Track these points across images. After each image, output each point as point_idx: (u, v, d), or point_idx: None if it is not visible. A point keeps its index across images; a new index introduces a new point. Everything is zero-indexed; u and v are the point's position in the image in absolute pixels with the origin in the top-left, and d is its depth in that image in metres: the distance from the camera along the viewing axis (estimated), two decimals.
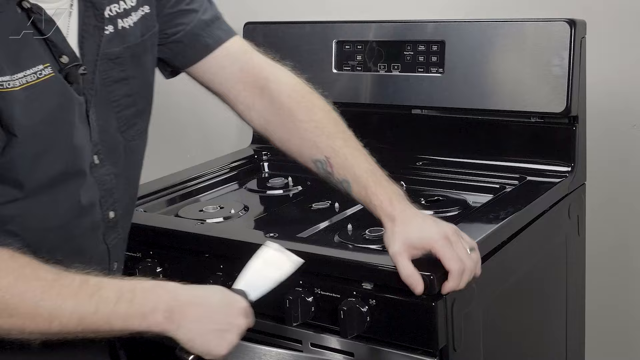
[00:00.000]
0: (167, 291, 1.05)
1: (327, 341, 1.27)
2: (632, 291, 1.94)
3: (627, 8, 1.79)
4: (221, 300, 1.08)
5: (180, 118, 2.53)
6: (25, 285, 0.98)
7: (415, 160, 1.77)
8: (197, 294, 1.07)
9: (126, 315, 1.01)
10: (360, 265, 1.23)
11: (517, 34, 1.63)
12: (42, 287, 0.99)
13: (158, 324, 1.02)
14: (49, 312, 0.98)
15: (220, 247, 1.40)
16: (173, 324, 1.03)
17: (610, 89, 1.82)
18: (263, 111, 1.32)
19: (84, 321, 1.00)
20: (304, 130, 1.29)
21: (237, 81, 1.33)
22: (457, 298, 1.20)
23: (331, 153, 1.26)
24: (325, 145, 1.27)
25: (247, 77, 1.33)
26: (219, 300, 1.08)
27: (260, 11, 2.24)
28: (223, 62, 1.33)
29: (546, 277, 1.60)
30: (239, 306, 1.09)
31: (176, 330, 1.03)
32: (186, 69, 1.35)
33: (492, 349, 1.34)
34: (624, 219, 1.91)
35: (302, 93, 1.33)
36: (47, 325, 0.98)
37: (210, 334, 1.05)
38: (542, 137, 1.65)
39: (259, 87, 1.32)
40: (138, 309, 1.01)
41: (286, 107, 1.31)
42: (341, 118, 1.32)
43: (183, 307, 1.03)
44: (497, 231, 1.35)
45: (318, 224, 1.47)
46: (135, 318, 1.01)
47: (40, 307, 0.98)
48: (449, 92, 1.71)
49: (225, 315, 1.07)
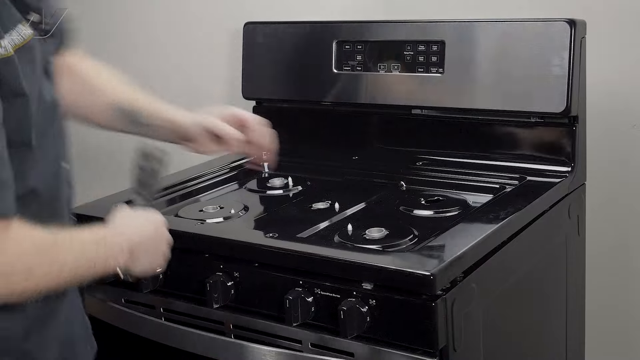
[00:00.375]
0: (123, 235, 1.21)
1: (327, 341, 1.27)
2: (632, 291, 1.94)
3: (627, 8, 1.79)
4: (153, 227, 1.27)
5: None
6: (38, 249, 1.09)
7: (415, 160, 1.77)
8: (140, 232, 1.25)
9: (104, 259, 1.17)
10: (360, 265, 1.23)
11: (517, 34, 1.63)
12: (50, 249, 1.11)
13: (124, 262, 1.19)
14: (58, 269, 1.11)
15: (220, 247, 1.40)
16: (133, 261, 1.21)
17: (610, 89, 1.82)
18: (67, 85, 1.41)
19: (79, 271, 1.14)
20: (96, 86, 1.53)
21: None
22: (457, 298, 1.20)
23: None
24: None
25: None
26: (152, 229, 1.27)
27: (260, 11, 2.25)
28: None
29: (546, 277, 1.60)
30: (161, 222, 1.29)
31: (134, 264, 1.22)
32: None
33: (492, 349, 1.34)
34: (624, 219, 1.91)
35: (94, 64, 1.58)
36: (55, 281, 1.11)
37: (154, 257, 1.27)
38: (542, 137, 1.65)
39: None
40: (111, 253, 1.18)
41: (80, 74, 1.52)
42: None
43: (136, 246, 1.21)
44: (497, 231, 1.35)
45: (318, 224, 1.47)
46: (110, 260, 1.17)
47: (52, 265, 1.10)
48: (449, 92, 1.71)
49: (158, 239, 1.28)
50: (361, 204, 1.59)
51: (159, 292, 1.46)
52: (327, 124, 1.93)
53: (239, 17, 2.09)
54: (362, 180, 1.76)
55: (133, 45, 2.58)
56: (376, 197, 1.64)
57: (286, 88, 1.93)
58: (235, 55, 2.13)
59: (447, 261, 1.21)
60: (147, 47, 2.55)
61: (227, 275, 1.35)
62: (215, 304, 1.35)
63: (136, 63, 2.59)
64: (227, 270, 1.35)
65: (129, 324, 1.51)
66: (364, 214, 1.56)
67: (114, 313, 1.53)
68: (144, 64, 2.57)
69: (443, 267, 1.18)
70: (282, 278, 1.30)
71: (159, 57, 2.53)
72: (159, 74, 2.53)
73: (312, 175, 1.79)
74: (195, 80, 2.46)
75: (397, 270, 1.19)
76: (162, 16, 2.49)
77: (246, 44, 1.99)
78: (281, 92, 1.95)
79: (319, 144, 1.91)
